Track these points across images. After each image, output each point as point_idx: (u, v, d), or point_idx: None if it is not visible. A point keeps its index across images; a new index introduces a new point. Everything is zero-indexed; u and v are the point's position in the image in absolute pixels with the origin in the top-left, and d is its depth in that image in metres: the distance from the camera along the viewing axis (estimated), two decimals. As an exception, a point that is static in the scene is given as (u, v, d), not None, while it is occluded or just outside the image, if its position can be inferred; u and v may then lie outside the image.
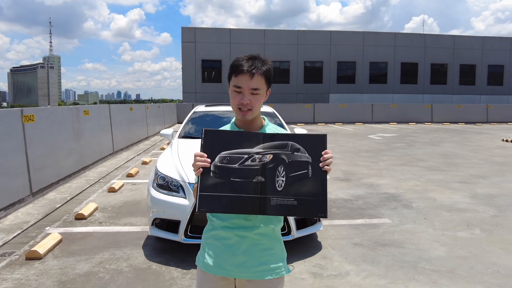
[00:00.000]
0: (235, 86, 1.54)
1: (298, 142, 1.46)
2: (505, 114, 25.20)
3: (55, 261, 3.71)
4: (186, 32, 28.02)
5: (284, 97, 28.04)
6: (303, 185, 1.42)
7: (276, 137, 1.47)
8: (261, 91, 1.55)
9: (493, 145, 12.70)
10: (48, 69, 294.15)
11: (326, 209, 1.42)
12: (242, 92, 1.54)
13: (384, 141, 13.84)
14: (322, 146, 1.47)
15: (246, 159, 1.42)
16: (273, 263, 1.55)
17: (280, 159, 1.43)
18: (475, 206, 5.60)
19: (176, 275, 3.44)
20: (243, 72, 1.51)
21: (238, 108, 1.56)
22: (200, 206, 1.40)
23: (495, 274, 3.44)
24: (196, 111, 5.96)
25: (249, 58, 1.55)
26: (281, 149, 1.44)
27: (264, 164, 1.42)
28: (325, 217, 1.42)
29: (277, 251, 1.58)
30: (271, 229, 1.58)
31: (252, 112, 1.56)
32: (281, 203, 1.40)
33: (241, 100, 1.53)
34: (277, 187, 1.41)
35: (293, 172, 1.43)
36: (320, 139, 1.48)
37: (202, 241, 1.66)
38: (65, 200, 5.88)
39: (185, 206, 3.61)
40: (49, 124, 6.53)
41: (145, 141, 13.71)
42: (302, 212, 1.44)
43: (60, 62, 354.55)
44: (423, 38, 30.40)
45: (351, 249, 4.02)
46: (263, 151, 1.44)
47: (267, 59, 1.58)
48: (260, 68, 1.53)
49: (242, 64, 1.53)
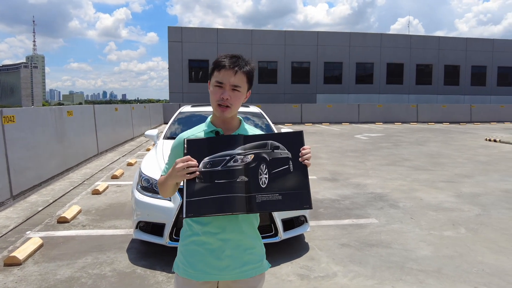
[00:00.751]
0: (217, 81, 1.55)
1: (277, 140, 1.51)
2: (488, 114, 25.72)
3: (35, 266, 3.60)
4: (173, 31, 27.81)
5: (271, 97, 28.08)
6: (286, 180, 1.47)
7: (256, 138, 1.52)
8: (241, 89, 1.57)
9: (477, 144, 12.92)
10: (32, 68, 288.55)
11: (310, 201, 1.47)
12: (223, 87, 1.55)
13: (371, 141, 13.94)
14: (300, 142, 1.51)
15: (228, 161, 1.46)
16: (256, 261, 1.60)
17: (261, 157, 1.47)
18: (460, 205, 5.66)
19: (161, 279, 3.36)
20: (226, 68, 1.53)
21: (217, 104, 1.56)
22: (188, 211, 1.42)
23: (480, 273, 3.46)
24: (182, 112, 5.88)
25: (232, 56, 1.57)
26: (262, 149, 1.49)
27: (246, 164, 1.46)
28: (310, 208, 1.47)
29: (258, 249, 1.62)
30: (252, 228, 1.61)
31: (230, 110, 1.57)
32: (267, 199, 1.44)
33: (222, 95, 1.54)
34: (261, 184, 1.45)
35: (275, 168, 1.47)
36: (297, 136, 1.53)
37: (180, 247, 1.63)
38: (47, 203, 5.73)
39: (170, 209, 3.54)
40: (31, 125, 6.36)
41: (131, 142, 13.53)
42: (288, 205, 1.47)
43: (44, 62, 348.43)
44: (408, 39, 30.81)
45: (339, 250, 4.00)
46: (244, 152, 1.48)
47: (249, 60, 1.60)
48: (243, 67, 1.55)
49: (225, 61, 1.54)
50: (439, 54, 30.91)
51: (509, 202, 5.79)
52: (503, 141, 13.30)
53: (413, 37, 31.04)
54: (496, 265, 3.63)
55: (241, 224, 1.56)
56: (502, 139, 13.55)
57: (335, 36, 29.85)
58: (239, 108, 1.62)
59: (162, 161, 4.14)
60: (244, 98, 1.61)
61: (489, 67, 31.68)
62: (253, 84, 1.63)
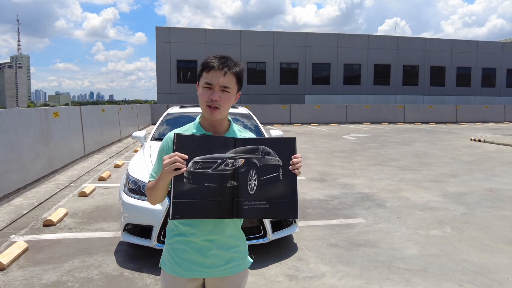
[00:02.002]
0: (206, 82, 1.53)
1: (269, 146, 1.49)
2: (473, 114, 26.19)
3: (20, 271, 3.53)
4: (161, 32, 27.63)
5: (260, 98, 28.11)
6: (274, 187, 1.46)
7: (248, 142, 1.50)
8: (231, 90, 1.55)
9: (462, 144, 13.15)
10: (16, 68, 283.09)
11: (296, 211, 1.47)
12: (212, 88, 1.53)
13: (358, 142, 14.07)
14: (292, 150, 1.50)
15: (219, 164, 1.44)
16: (240, 259, 1.63)
17: (251, 163, 1.46)
18: (446, 204, 5.75)
19: (149, 282, 3.34)
20: (215, 68, 1.52)
21: (207, 105, 1.54)
22: (175, 213, 1.39)
23: (465, 271, 3.53)
24: (170, 113, 5.85)
25: (221, 57, 1.55)
26: (253, 153, 1.47)
27: (236, 169, 1.44)
28: (296, 218, 1.50)
29: (242, 247, 1.65)
30: (236, 229, 1.64)
31: (220, 112, 1.55)
32: (254, 206, 1.44)
33: (211, 96, 1.52)
34: (249, 190, 1.44)
35: (265, 175, 1.46)
36: (290, 143, 1.51)
37: (166, 245, 1.64)
38: (32, 206, 5.64)
39: (158, 211, 3.52)
40: (14, 127, 6.25)
41: (118, 143, 13.39)
42: (274, 214, 1.48)
43: (29, 62, 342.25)
44: (395, 40, 31.18)
45: (327, 250, 4.03)
46: (235, 155, 1.46)
47: (238, 61, 1.59)
48: (233, 68, 1.54)
49: (214, 61, 1.53)
50: (425, 56, 31.36)
51: (493, 201, 5.91)
52: (487, 141, 13.57)
53: (399, 38, 31.44)
54: (480, 263, 3.70)
55: (226, 226, 1.58)
56: (486, 139, 13.83)
57: (323, 37, 30.06)
58: (229, 109, 1.61)
59: (150, 163, 4.11)
60: (234, 99, 1.59)
61: (474, 68, 32.28)
62: (242, 85, 1.61)
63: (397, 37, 31.46)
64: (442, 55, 31.62)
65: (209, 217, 1.44)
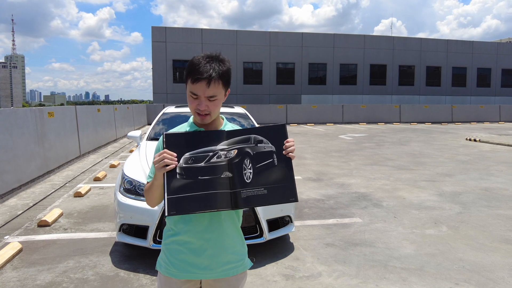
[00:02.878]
0: (191, 92, 1.51)
1: (260, 134, 1.49)
2: (468, 114, 26.33)
3: (14, 272, 3.50)
4: (157, 31, 27.56)
5: (257, 98, 28.11)
6: (270, 173, 1.45)
7: (238, 133, 1.50)
8: (218, 96, 1.53)
9: (457, 144, 13.21)
10: (11, 68, 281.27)
11: (296, 193, 1.46)
12: (199, 99, 1.51)
13: (354, 141, 14.10)
14: (283, 135, 1.49)
15: (211, 157, 1.44)
16: (237, 260, 1.59)
17: (245, 152, 1.45)
18: (442, 203, 5.77)
19: (145, 282, 3.32)
20: (199, 80, 1.46)
21: (196, 112, 1.54)
22: (170, 210, 1.37)
23: (461, 270, 3.54)
24: (166, 112, 5.82)
25: (207, 62, 1.48)
26: (245, 143, 1.47)
27: (230, 160, 1.44)
28: (296, 201, 1.45)
29: (239, 248, 1.61)
30: (234, 228, 1.60)
31: (210, 116, 1.56)
32: (252, 194, 1.42)
33: (198, 106, 1.52)
34: (245, 179, 1.43)
35: (259, 162, 1.45)
36: (280, 128, 1.50)
37: (162, 246, 1.63)
38: (27, 206, 5.59)
39: (154, 211, 3.50)
40: (9, 127, 6.20)
41: (114, 143, 13.34)
42: (273, 199, 1.44)
43: (24, 62, 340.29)
44: (391, 40, 31.29)
45: (323, 250, 4.02)
46: (228, 147, 1.46)
47: (225, 59, 1.53)
48: (218, 72, 1.48)
49: (197, 69, 1.46)
50: (421, 56, 31.50)
51: (488, 200, 5.93)
52: (482, 140, 13.64)
53: (395, 38, 31.54)
54: (475, 261, 3.71)
55: (223, 223, 1.54)
56: (481, 139, 13.90)
57: (319, 37, 30.10)
58: (220, 109, 1.60)
59: (145, 162, 4.09)
60: (223, 99, 1.58)
61: (469, 69, 32.47)
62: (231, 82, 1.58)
63: (393, 37, 31.57)
64: (437, 55, 31.77)
65: (205, 209, 1.39)
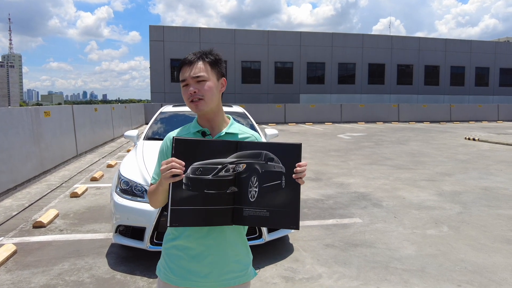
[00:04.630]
0: (181, 80, 1.51)
1: (273, 151, 1.40)
2: (467, 113, 26.34)
3: (8, 275, 3.43)
4: (154, 30, 27.44)
5: (255, 97, 28.04)
6: (276, 196, 1.38)
7: (250, 146, 1.42)
8: (207, 77, 1.48)
9: (456, 143, 13.18)
10: (8, 68, 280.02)
11: (298, 222, 1.39)
12: (187, 83, 1.49)
13: (353, 141, 14.05)
14: (296, 156, 1.40)
15: (220, 170, 1.36)
16: (240, 269, 1.52)
17: (253, 169, 1.38)
18: (442, 203, 5.72)
19: (142, 285, 3.26)
20: (183, 64, 1.50)
21: (190, 101, 1.50)
22: (173, 221, 1.33)
23: (463, 271, 3.49)
24: (163, 112, 5.75)
25: (194, 53, 1.53)
26: (255, 159, 1.39)
27: (237, 174, 1.38)
28: (297, 229, 1.39)
29: (243, 256, 1.54)
30: (238, 234, 1.53)
31: (204, 102, 1.48)
32: (254, 214, 1.37)
33: (188, 91, 1.48)
34: (249, 197, 1.37)
35: (266, 182, 1.38)
36: (295, 149, 1.41)
37: (162, 250, 1.57)
38: (22, 207, 5.52)
39: (151, 212, 3.43)
40: (3, 126, 6.11)
41: (111, 143, 13.25)
42: (274, 223, 1.40)
43: (22, 61, 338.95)
44: (389, 39, 31.26)
45: (323, 251, 3.97)
46: (237, 160, 1.39)
47: (214, 52, 1.53)
48: (202, 58, 1.50)
49: (186, 58, 1.51)
50: (419, 55, 31.48)
51: (488, 200, 5.89)
52: (481, 139, 13.62)
53: (394, 37, 31.51)
54: (477, 262, 3.67)
55: (226, 229, 1.48)
56: (480, 138, 13.88)
57: (317, 36, 30.03)
58: (217, 101, 1.53)
59: (142, 162, 4.02)
60: (220, 88, 1.53)
61: (467, 68, 32.47)
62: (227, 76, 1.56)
63: (391, 37, 31.54)
64: (436, 55, 31.77)
65: (207, 224, 1.39)
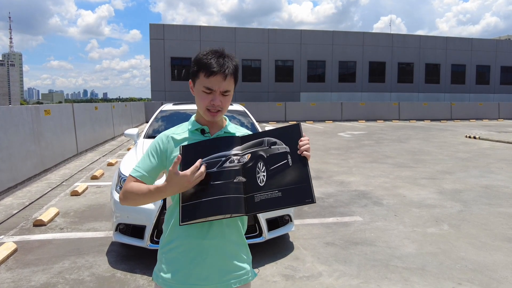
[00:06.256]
0: (205, 87, 1.46)
1: (274, 136, 1.45)
2: (467, 111, 26.30)
3: (8, 273, 3.43)
4: (155, 29, 27.41)
5: (255, 95, 28.02)
6: (285, 175, 1.38)
7: (252, 137, 1.47)
8: (231, 92, 1.51)
9: (457, 141, 13.16)
10: (9, 66, 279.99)
11: (312, 194, 1.37)
12: (213, 94, 1.47)
13: (353, 139, 14.04)
14: (297, 135, 1.43)
15: (224, 162, 1.40)
16: (240, 270, 1.50)
17: (258, 156, 1.41)
18: (443, 201, 5.71)
19: (142, 283, 3.26)
20: (215, 73, 1.43)
21: (207, 109, 1.49)
22: (184, 217, 1.35)
23: (463, 269, 3.48)
24: (163, 110, 5.75)
25: (218, 56, 1.45)
26: (258, 147, 1.43)
27: (243, 165, 1.40)
28: (313, 202, 1.37)
29: (242, 257, 1.52)
30: (237, 234, 1.51)
31: (221, 113, 1.52)
32: (266, 197, 1.36)
33: (212, 101, 1.47)
34: (258, 183, 1.38)
35: (273, 164, 1.40)
36: (295, 128, 1.45)
37: (159, 255, 1.54)
38: (23, 205, 5.52)
39: (151, 211, 3.43)
40: (3, 125, 6.10)
41: (111, 141, 13.25)
42: (288, 201, 1.37)
43: (22, 60, 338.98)
44: (390, 37, 31.20)
45: (323, 249, 3.96)
46: (241, 152, 1.42)
47: (232, 55, 1.51)
48: (231, 68, 1.47)
49: (211, 63, 1.43)
50: (420, 53, 31.43)
51: (489, 198, 5.88)
52: (482, 138, 13.60)
53: (394, 36, 31.45)
54: (478, 260, 3.66)
55: (225, 229, 1.47)
56: (481, 136, 13.85)
57: (318, 34, 29.99)
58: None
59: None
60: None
61: (468, 66, 32.42)
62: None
63: (392, 35, 31.48)
64: (436, 53, 31.71)
65: (218, 214, 1.34)
